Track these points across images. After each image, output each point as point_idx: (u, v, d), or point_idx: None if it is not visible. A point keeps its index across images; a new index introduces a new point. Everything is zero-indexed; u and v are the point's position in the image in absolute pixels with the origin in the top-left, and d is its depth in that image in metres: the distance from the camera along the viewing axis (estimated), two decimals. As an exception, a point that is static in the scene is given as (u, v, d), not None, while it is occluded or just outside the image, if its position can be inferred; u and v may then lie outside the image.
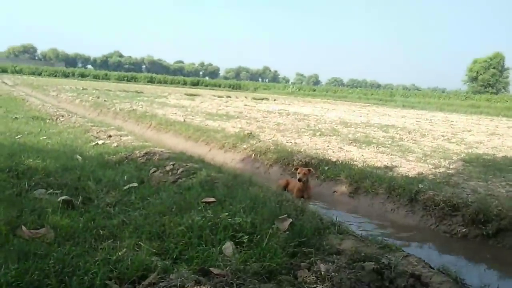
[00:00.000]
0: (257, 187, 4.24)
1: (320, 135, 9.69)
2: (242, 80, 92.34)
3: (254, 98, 30.41)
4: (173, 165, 5.09)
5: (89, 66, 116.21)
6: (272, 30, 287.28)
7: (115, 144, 6.97)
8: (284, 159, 6.67)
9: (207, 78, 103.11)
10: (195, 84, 61.41)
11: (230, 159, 7.46)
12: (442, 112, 28.25)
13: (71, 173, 4.48)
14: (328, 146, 7.97)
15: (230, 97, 30.46)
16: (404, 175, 5.69)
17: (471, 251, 4.09)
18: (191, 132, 9.22)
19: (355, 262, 2.56)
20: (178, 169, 4.93)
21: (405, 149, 8.19)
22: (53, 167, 4.64)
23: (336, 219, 3.43)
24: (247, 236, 2.79)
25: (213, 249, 2.60)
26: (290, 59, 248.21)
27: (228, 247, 2.63)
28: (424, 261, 2.74)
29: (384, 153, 7.54)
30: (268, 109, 18.81)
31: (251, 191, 3.99)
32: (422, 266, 2.62)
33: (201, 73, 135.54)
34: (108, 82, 49.62)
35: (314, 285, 2.27)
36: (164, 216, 3.16)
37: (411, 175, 5.69)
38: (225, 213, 3.13)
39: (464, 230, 4.32)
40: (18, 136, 6.96)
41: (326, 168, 6.07)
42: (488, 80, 57.62)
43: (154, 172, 4.89)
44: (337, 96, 46.84)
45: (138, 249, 2.56)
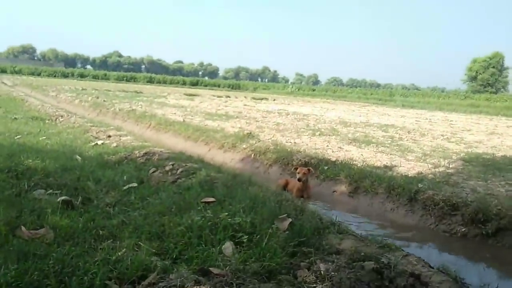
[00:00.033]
0: (256, 187, 4.24)
1: (319, 134, 9.69)
2: (242, 80, 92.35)
3: (254, 98, 30.41)
4: (173, 165, 5.08)
5: (89, 66, 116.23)
6: (271, 30, 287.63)
7: (115, 144, 6.96)
8: (283, 159, 6.67)
9: (206, 78, 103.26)
10: (194, 84, 61.46)
11: (230, 159, 7.46)
12: (441, 111, 28.28)
13: (70, 173, 4.48)
14: (328, 146, 7.97)
15: (229, 97, 30.46)
16: (404, 174, 5.69)
17: (471, 250, 4.09)
18: (190, 132, 9.22)
19: (354, 262, 2.56)
20: (178, 169, 4.92)
21: (405, 148, 8.20)
22: (53, 168, 4.64)
23: (335, 219, 3.43)
24: (247, 236, 2.79)
25: (213, 249, 2.60)
26: (290, 59, 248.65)
27: (228, 247, 2.63)
28: (424, 260, 2.75)
29: (384, 153, 7.54)
30: (268, 109, 18.81)
31: (251, 191, 3.98)
32: (422, 266, 2.63)
33: (200, 73, 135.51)
34: (108, 82, 49.65)
35: (314, 285, 2.27)
36: (164, 216, 3.15)
37: (410, 175, 5.69)
38: (225, 213, 3.13)
39: (463, 229, 4.33)
40: (18, 136, 6.96)
41: (326, 167, 6.07)
42: (488, 79, 57.64)
43: (153, 172, 4.89)
44: (336, 96, 46.89)
45: (137, 249, 2.56)
